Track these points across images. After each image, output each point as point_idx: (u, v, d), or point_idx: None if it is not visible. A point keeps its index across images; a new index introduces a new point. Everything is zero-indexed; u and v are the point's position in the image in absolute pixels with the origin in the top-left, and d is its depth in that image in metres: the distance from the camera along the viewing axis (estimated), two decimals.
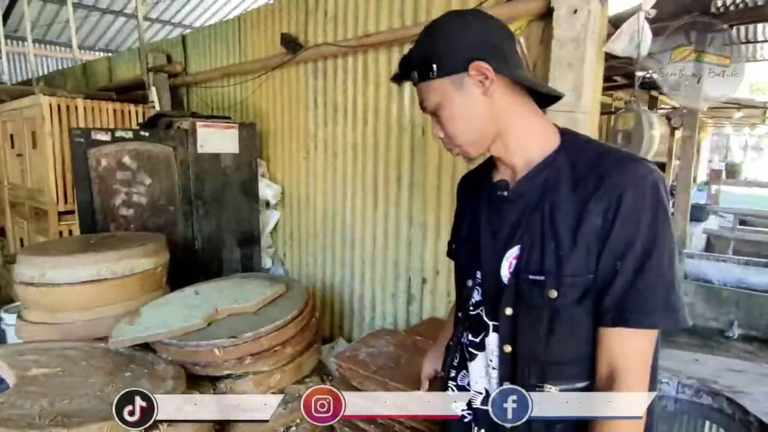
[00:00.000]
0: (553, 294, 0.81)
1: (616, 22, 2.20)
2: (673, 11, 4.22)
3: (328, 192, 3.36)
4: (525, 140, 0.88)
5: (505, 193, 0.89)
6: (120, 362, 1.82)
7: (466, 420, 1.02)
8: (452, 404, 1.05)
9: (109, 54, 6.66)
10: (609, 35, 2.12)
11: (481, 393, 0.98)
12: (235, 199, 3.38)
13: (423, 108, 0.92)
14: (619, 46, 1.96)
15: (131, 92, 4.62)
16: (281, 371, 2.15)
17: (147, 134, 2.95)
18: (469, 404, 1.01)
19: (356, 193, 3.17)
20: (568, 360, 0.84)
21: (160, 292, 2.39)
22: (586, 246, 0.79)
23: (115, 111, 4.06)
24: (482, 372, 0.97)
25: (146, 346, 2.02)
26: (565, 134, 0.89)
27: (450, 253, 1.17)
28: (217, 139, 3.22)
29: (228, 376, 2.04)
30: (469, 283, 0.97)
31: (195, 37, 4.40)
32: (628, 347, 0.79)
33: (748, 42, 5.88)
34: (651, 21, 2.07)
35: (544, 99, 0.93)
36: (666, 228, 0.77)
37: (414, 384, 1.79)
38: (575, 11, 1.92)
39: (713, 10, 5.04)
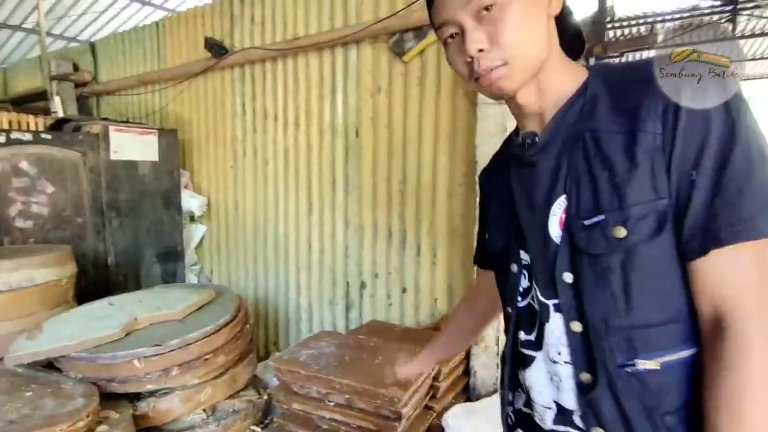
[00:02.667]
0: (621, 232, 0.62)
1: None
2: None
3: (259, 200, 3.22)
4: (561, 75, 0.72)
5: (536, 139, 0.72)
6: (19, 382, 1.55)
7: None
8: None
9: (3, 67, 6.01)
10: None
11: (549, 408, 0.73)
12: (155, 210, 3.11)
13: (452, 9, 0.67)
14: None
15: (31, 103, 4.17)
16: (213, 384, 1.96)
17: (50, 137, 2.65)
18: (536, 428, 0.77)
19: (289, 199, 3.07)
20: (661, 321, 0.63)
21: (66, 307, 2.10)
22: (650, 163, 0.61)
23: (10, 122, 3.63)
24: (545, 378, 0.73)
25: (52, 366, 1.75)
26: (591, 67, 0.74)
27: (478, 258, 1.01)
28: (133, 146, 2.97)
29: (151, 393, 1.82)
30: (514, 268, 0.78)
31: (106, 43, 4.11)
32: (730, 275, 0.58)
33: None
34: None
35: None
36: (743, 109, 0.59)
37: (364, 378, 1.71)
38: None
39: (606, 39, 5.66)
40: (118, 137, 2.87)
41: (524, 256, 0.76)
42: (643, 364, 0.63)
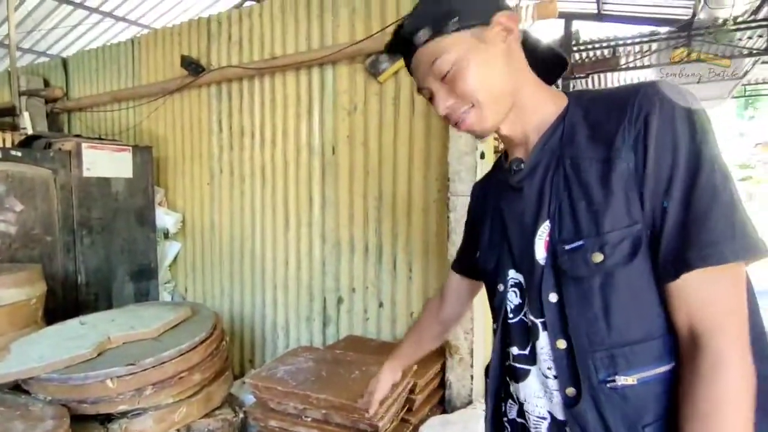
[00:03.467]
0: (599, 257, 0.66)
1: None
2: None
3: (235, 217, 3.21)
4: (538, 102, 0.77)
5: (522, 166, 0.77)
6: None
7: None
8: None
9: None
10: None
11: (544, 418, 0.77)
12: (128, 228, 3.07)
13: (423, 81, 0.77)
14: None
15: None
16: (187, 403, 1.93)
17: (19, 154, 2.60)
18: None
19: (266, 216, 3.08)
20: (638, 339, 0.66)
21: (35, 327, 2.05)
22: (624, 191, 0.65)
23: None
24: (540, 390, 0.77)
25: (19, 388, 1.70)
26: (570, 93, 0.80)
27: (459, 266, 1.08)
28: (107, 163, 2.94)
29: (123, 414, 1.78)
30: (500, 287, 0.82)
31: (78, 59, 4.07)
32: (703, 296, 0.62)
33: None
34: None
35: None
36: (708, 139, 0.63)
37: (341, 393, 1.73)
38: None
39: (572, 62, 5.93)
40: (91, 154, 2.84)
41: (516, 276, 0.80)
42: (624, 380, 0.66)
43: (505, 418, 0.87)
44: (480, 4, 0.73)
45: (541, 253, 0.73)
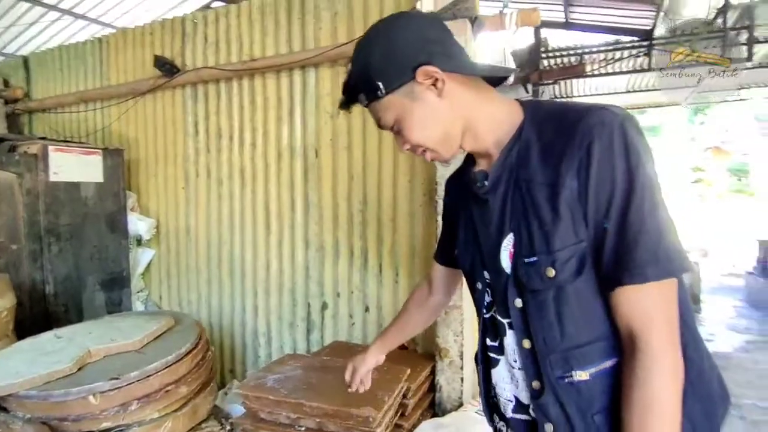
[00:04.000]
0: (551, 273, 0.74)
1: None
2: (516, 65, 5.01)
3: (213, 221, 3.12)
4: (493, 124, 0.83)
5: (485, 183, 0.83)
6: None
7: None
8: (493, 420, 0.97)
9: None
10: None
11: (510, 401, 0.88)
12: (99, 235, 2.94)
13: (380, 126, 0.86)
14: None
15: None
16: (173, 417, 1.86)
17: None
18: (502, 415, 0.92)
19: (246, 220, 3.01)
20: (588, 341, 0.76)
21: (6, 341, 1.93)
22: (570, 213, 0.73)
23: None
24: (507, 377, 0.88)
25: None
26: (527, 105, 0.84)
27: (438, 256, 1.14)
28: (75, 166, 2.80)
29: (108, 431, 1.70)
30: (479, 285, 0.91)
31: (41, 58, 3.86)
32: (636, 304, 0.72)
33: (569, 97, 7.21)
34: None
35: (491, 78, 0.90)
36: (640, 169, 0.70)
37: (334, 400, 1.70)
38: None
39: (542, 67, 6.11)
40: (59, 157, 2.70)
41: (488, 276, 0.88)
42: (578, 376, 0.76)
43: (486, 398, 0.97)
44: (397, 69, 0.78)
45: (506, 263, 0.81)
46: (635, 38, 5.54)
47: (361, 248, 2.67)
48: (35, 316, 2.58)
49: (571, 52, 5.76)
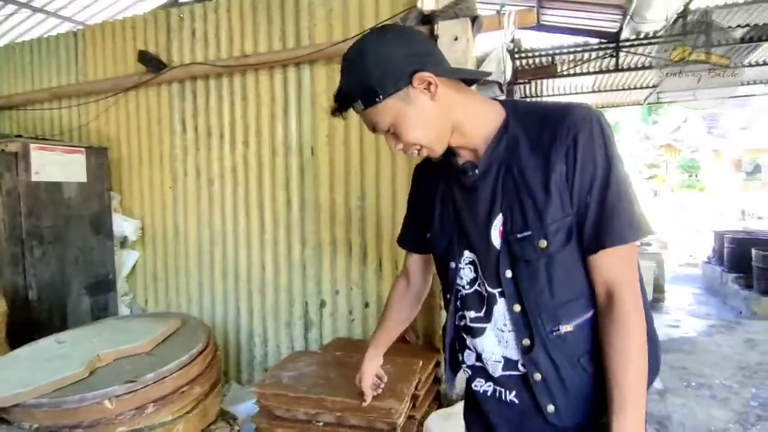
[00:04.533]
0: (543, 243, 0.88)
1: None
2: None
3: (203, 221, 3.05)
4: (478, 122, 0.94)
5: (476, 171, 0.94)
6: None
7: (488, 393, 1.03)
8: (473, 384, 1.06)
9: None
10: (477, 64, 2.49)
11: (499, 362, 0.99)
12: (83, 237, 2.81)
13: (374, 130, 0.93)
14: (490, 69, 2.32)
15: None
16: (185, 420, 1.82)
17: None
18: (488, 377, 1.02)
19: (239, 220, 2.95)
20: (571, 298, 0.92)
21: (0, 350, 1.83)
22: (559, 193, 0.87)
23: None
24: (495, 341, 0.99)
25: None
26: (506, 104, 0.97)
27: (405, 242, 1.24)
28: (58, 166, 2.67)
29: None
30: (452, 265, 1.01)
31: (8, 52, 3.64)
32: (614, 265, 0.88)
33: (540, 96, 7.45)
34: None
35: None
36: (616, 155, 0.87)
37: (354, 394, 1.71)
38: (456, 38, 2.22)
39: (515, 68, 6.27)
40: (41, 156, 2.57)
41: (470, 255, 1.01)
42: (565, 328, 0.92)
43: (464, 365, 1.08)
44: (394, 76, 0.86)
45: (496, 240, 0.94)
46: (603, 40, 5.79)
47: (359, 244, 2.68)
48: (18, 324, 2.44)
49: (543, 53, 5.95)
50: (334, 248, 2.74)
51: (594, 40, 5.87)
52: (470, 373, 1.07)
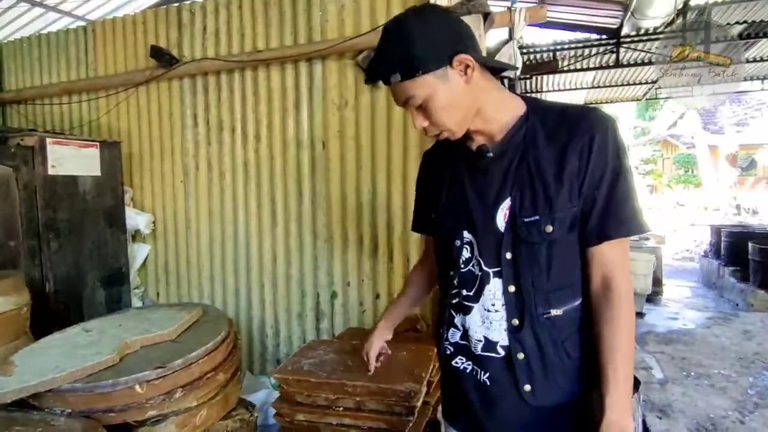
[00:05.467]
0: (549, 229, 0.94)
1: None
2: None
3: (215, 215, 3.09)
4: (499, 110, 0.99)
5: (490, 154, 0.99)
6: None
7: (467, 371, 1.08)
8: (453, 361, 1.10)
9: None
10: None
11: (480, 341, 1.04)
12: (97, 230, 2.85)
13: (404, 104, 0.96)
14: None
15: None
16: (208, 406, 1.87)
17: None
18: (471, 355, 1.07)
19: (250, 213, 3.00)
20: (565, 284, 0.98)
21: (25, 339, 1.88)
22: (569, 184, 0.93)
23: None
24: (479, 321, 1.04)
25: (24, 405, 1.56)
26: (526, 99, 1.03)
27: (418, 226, 1.28)
28: (73, 160, 2.71)
29: (142, 423, 1.69)
30: (457, 243, 1.06)
31: (16, 47, 3.66)
32: (613, 255, 0.95)
33: (540, 91, 7.50)
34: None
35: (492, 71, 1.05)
36: (625, 157, 0.95)
37: (374, 378, 1.77)
38: None
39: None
40: (57, 150, 2.60)
41: (468, 236, 1.04)
42: (554, 312, 0.98)
43: (447, 342, 1.12)
44: (439, 52, 0.89)
45: (501, 222, 0.99)
46: (603, 36, 5.84)
47: (370, 236, 2.73)
48: (36, 316, 2.48)
49: (545, 48, 6.00)
50: (345, 241, 2.79)
51: (595, 36, 5.92)
52: (452, 350, 1.11)
